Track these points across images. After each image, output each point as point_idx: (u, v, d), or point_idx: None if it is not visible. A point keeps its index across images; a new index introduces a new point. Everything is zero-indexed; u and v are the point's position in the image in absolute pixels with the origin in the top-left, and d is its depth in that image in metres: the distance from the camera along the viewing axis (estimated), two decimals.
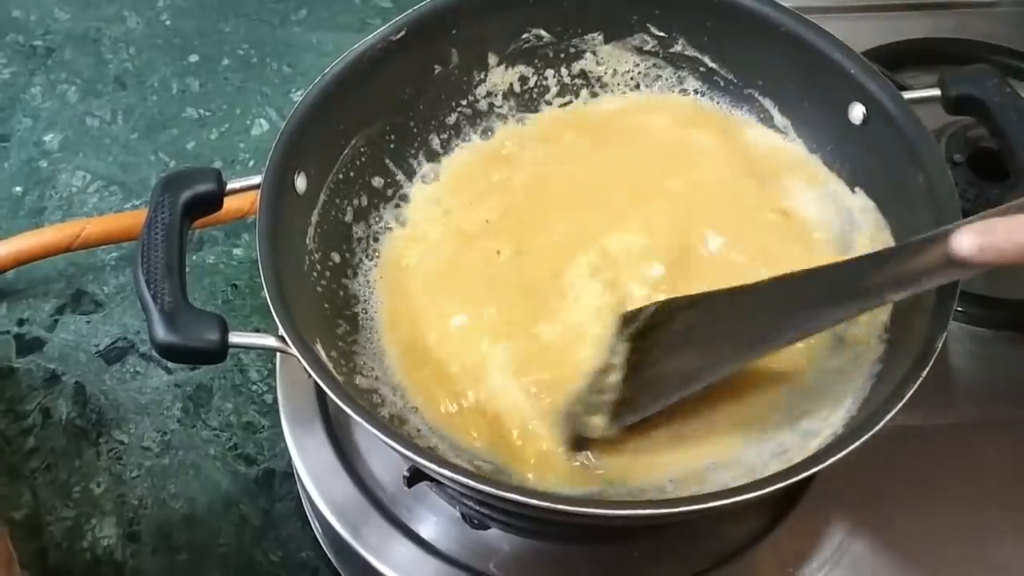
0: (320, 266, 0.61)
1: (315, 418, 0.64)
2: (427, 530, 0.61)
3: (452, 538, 0.60)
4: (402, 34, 0.63)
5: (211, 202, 0.56)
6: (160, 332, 0.50)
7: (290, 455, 0.63)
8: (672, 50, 0.68)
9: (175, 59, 0.91)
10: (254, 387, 0.72)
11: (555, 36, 0.68)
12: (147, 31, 0.93)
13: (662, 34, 0.67)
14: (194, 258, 0.78)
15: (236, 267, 0.79)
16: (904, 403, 0.49)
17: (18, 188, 0.83)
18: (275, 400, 0.67)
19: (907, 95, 0.60)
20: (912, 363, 0.50)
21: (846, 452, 0.48)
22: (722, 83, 0.68)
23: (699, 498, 0.48)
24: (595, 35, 0.68)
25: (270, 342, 0.51)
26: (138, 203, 0.82)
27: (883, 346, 0.56)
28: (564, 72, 0.69)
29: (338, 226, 0.63)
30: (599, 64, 0.69)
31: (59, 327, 0.76)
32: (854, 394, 0.55)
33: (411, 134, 0.67)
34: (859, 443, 0.48)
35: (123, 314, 0.76)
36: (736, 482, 0.51)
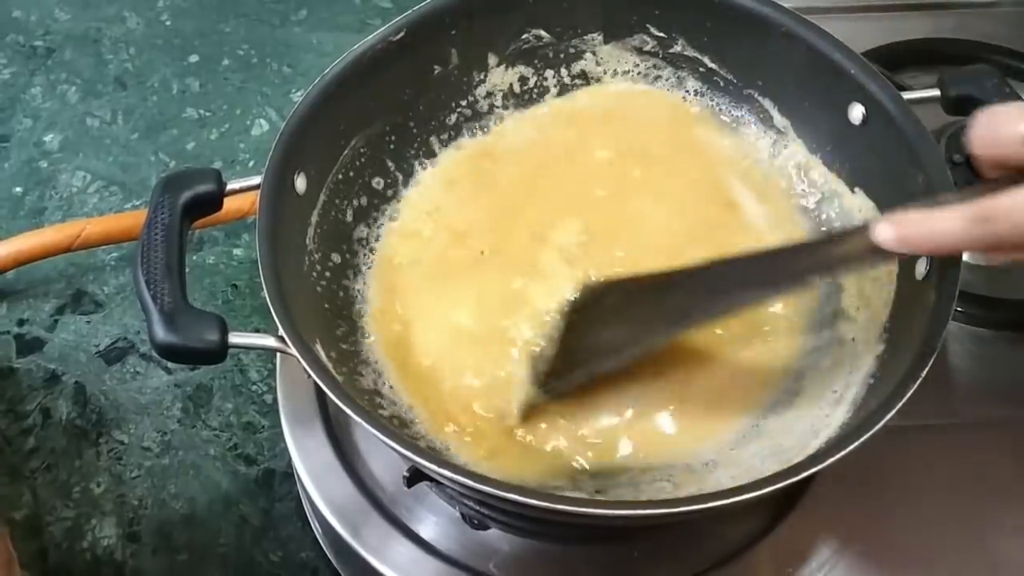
0: (320, 266, 0.61)
1: (315, 418, 0.64)
2: (427, 530, 0.61)
3: (452, 538, 0.60)
4: (402, 35, 0.63)
5: (211, 202, 0.56)
6: (160, 332, 0.50)
7: (290, 455, 0.63)
8: (672, 50, 0.68)
9: (175, 59, 0.91)
10: (254, 387, 0.72)
11: (555, 36, 0.68)
12: (147, 31, 0.93)
13: (662, 34, 0.67)
14: (194, 258, 0.78)
15: (236, 267, 0.79)
16: (903, 403, 0.49)
17: (18, 188, 0.83)
18: (275, 400, 0.67)
19: (907, 95, 0.60)
20: (911, 363, 0.50)
21: (845, 452, 0.48)
22: (722, 83, 0.68)
23: (699, 498, 0.48)
24: (595, 35, 0.68)
25: (270, 342, 0.51)
26: (138, 203, 0.82)
27: (882, 346, 0.56)
28: (564, 72, 0.69)
29: (338, 226, 0.63)
30: (599, 64, 0.69)
31: (59, 327, 0.76)
32: (853, 394, 0.55)
33: (411, 135, 0.67)
34: (858, 443, 0.48)
35: (123, 314, 0.76)
36: (735, 482, 0.51)
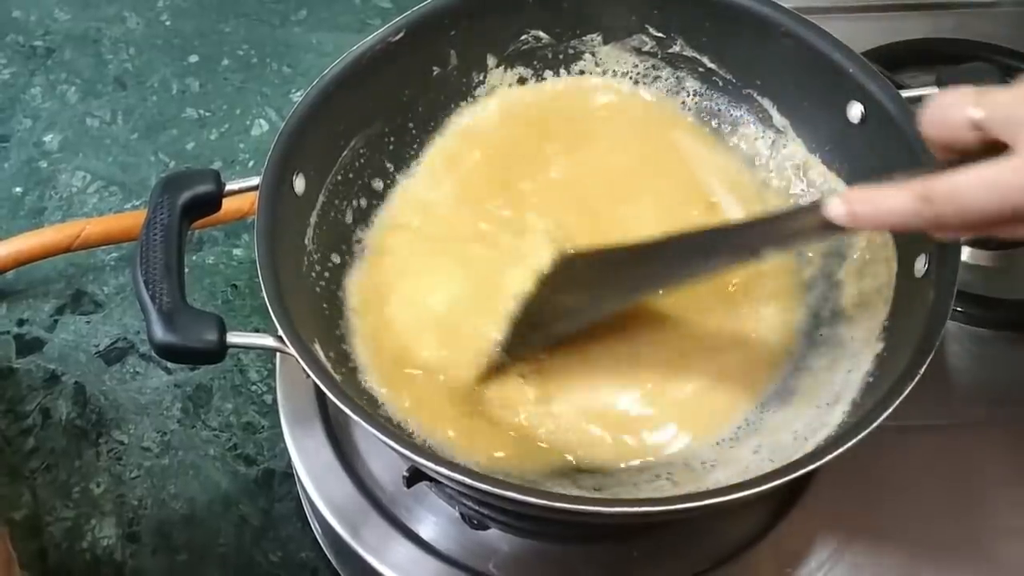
0: (319, 267, 0.61)
1: (315, 418, 0.64)
2: (426, 530, 0.61)
3: (451, 538, 0.60)
4: (401, 35, 0.63)
5: (210, 203, 0.56)
6: (158, 332, 0.50)
7: (290, 455, 0.63)
8: (671, 51, 0.68)
9: (175, 59, 0.91)
10: (254, 387, 0.73)
11: (554, 37, 0.68)
12: (147, 31, 0.93)
13: (661, 35, 0.67)
14: (194, 258, 0.78)
15: (236, 267, 0.79)
16: (902, 402, 0.49)
17: (18, 188, 0.83)
18: (275, 400, 0.67)
19: (905, 94, 0.60)
20: (909, 361, 0.50)
21: (843, 450, 0.48)
22: (721, 83, 0.68)
23: (697, 496, 0.48)
24: (594, 36, 0.68)
25: (268, 342, 0.51)
26: (138, 203, 0.82)
27: (881, 344, 0.56)
28: (563, 73, 0.69)
29: (337, 227, 0.63)
30: (598, 65, 0.69)
31: (59, 327, 0.76)
32: (851, 392, 0.55)
33: (410, 135, 0.67)
34: (855, 441, 0.48)
35: (123, 314, 0.76)
36: (733, 480, 0.51)
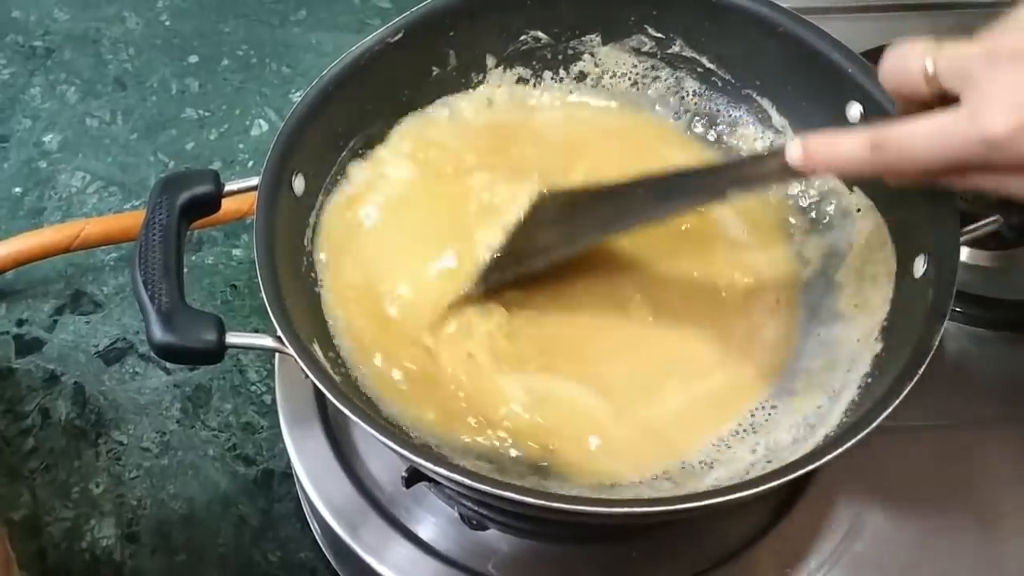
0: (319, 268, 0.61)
1: (314, 419, 0.64)
2: (425, 531, 0.61)
3: (450, 539, 0.60)
4: (400, 36, 0.63)
5: (209, 203, 0.56)
6: (157, 332, 0.50)
7: (289, 456, 0.63)
8: (670, 51, 0.68)
9: (174, 60, 0.91)
10: (253, 388, 0.73)
11: (553, 38, 0.68)
12: (147, 32, 0.93)
13: (660, 35, 0.67)
14: (193, 258, 0.78)
15: (235, 268, 0.79)
16: (901, 402, 0.49)
17: (17, 189, 0.83)
18: (274, 401, 0.67)
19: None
20: (908, 362, 0.50)
21: (841, 451, 0.48)
22: (720, 83, 0.68)
23: (695, 496, 0.48)
24: (593, 36, 0.68)
25: (267, 342, 0.51)
26: (137, 204, 0.82)
27: (880, 345, 0.56)
28: (562, 73, 0.69)
29: None
30: (597, 65, 0.69)
31: (58, 328, 0.76)
32: (850, 393, 0.55)
33: None
34: (854, 441, 0.48)
35: (122, 315, 0.76)
36: (732, 481, 0.51)
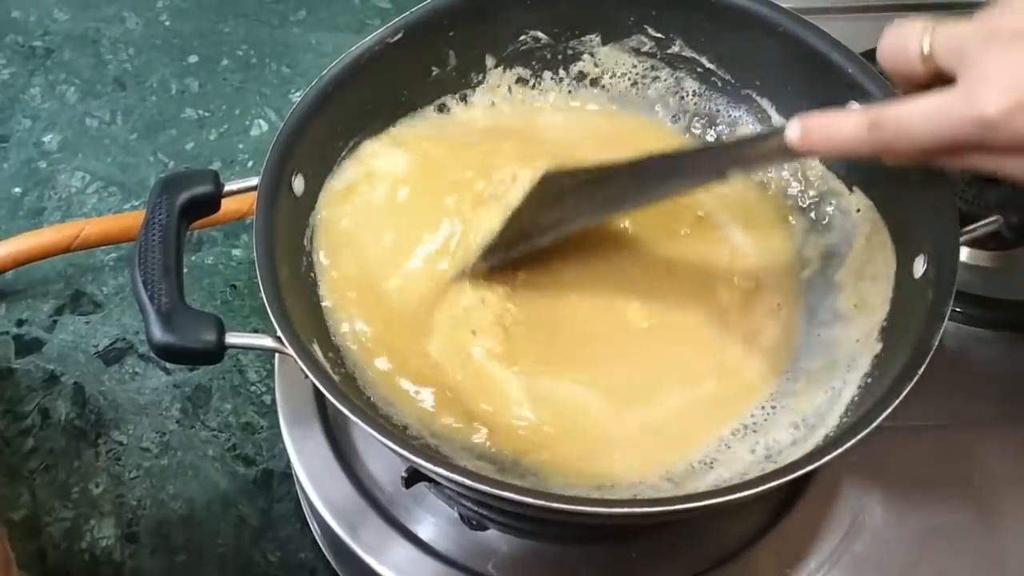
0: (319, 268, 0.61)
1: (313, 419, 0.64)
2: (425, 531, 0.61)
3: (450, 539, 0.60)
4: (400, 36, 0.63)
5: (209, 204, 0.56)
6: (157, 333, 0.50)
7: (288, 456, 0.63)
8: (670, 51, 0.68)
9: (174, 60, 0.91)
10: (253, 388, 0.72)
11: (552, 38, 0.68)
12: (146, 32, 0.93)
13: (659, 35, 0.67)
14: (193, 259, 0.78)
15: (235, 268, 0.79)
16: (901, 402, 0.49)
17: (17, 189, 0.83)
18: (274, 401, 0.67)
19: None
20: (908, 362, 0.50)
21: (841, 451, 0.48)
22: (720, 83, 0.68)
23: (694, 496, 0.48)
24: (592, 37, 0.68)
25: (267, 343, 0.51)
26: (137, 204, 0.82)
27: (879, 345, 0.56)
28: (562, 74, 0.69)
29: None
30: (596, 65, 0.69)
31: (58, 328, 0.76)
32: (850, 393, 0.55)
33: None
34: (854, 442, 0.48)
35: (122, 315, 0.76)
36: (732, 481, 0.51)
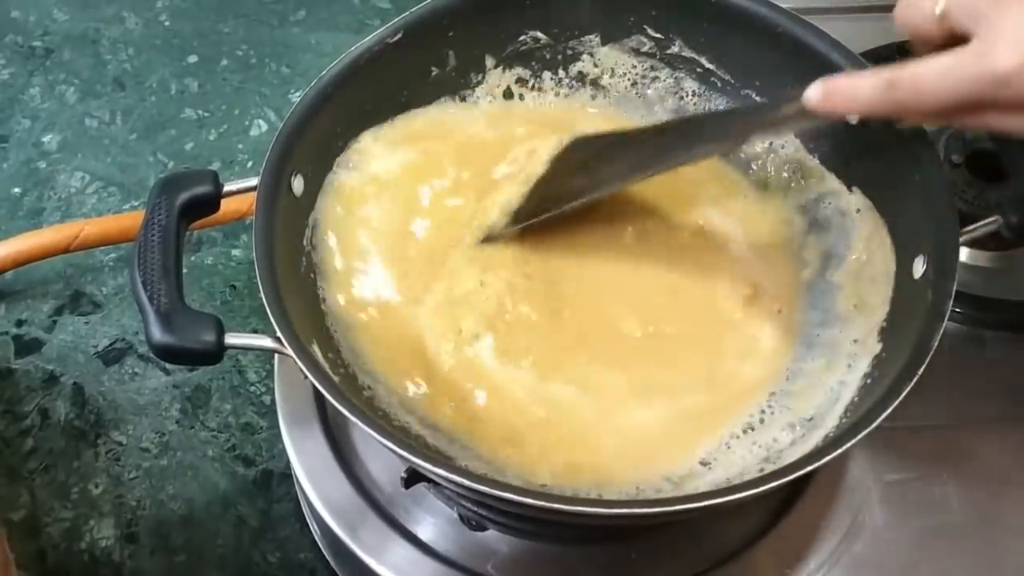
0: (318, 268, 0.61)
1: (313, 419, 0.64)
2: (425, 531, 0.61)
3: (450, 539, 0.60)
4: (399, 36, 0.63)
5: (208, 204, 0.56)
6: (156, 333, 0.50)
7: (288, 456, 0.63)
8: (669, 51, 0.68)
9: (174, 60, 0.91)
10: (252, 388, 0.72)
11: (552, 38, 0.68)
12: (146, 32, 0.93)
13: (659, 36, 0.67)
14: (192, 259, 0.78)
15: (235, 268, 0.79)
16: (900, 402, 0.49)
17: (17, 189, 0.83)
18: (273, 401, 0.67)
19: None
20: (907, 363, 0.50)
21: (841, 451, 0.48)
22: (719, 84, 0.68)
23: (694, 497, 0.49)
24: (592, 37, 0.68)
25: (266, 343, 0.51)
26: (137, 204, 0.82)
27: (879, 346, 0.56)
28: (561, 74, 0.69)
29: None
30: (596, 66, 0.69)
31: (57, 328, 0.76)
32: (849, 393, 0.55)
33: None
34: (854, 442, 0.48)
35: (121, 315, 0.76)
36: (731, 481, 0.51)
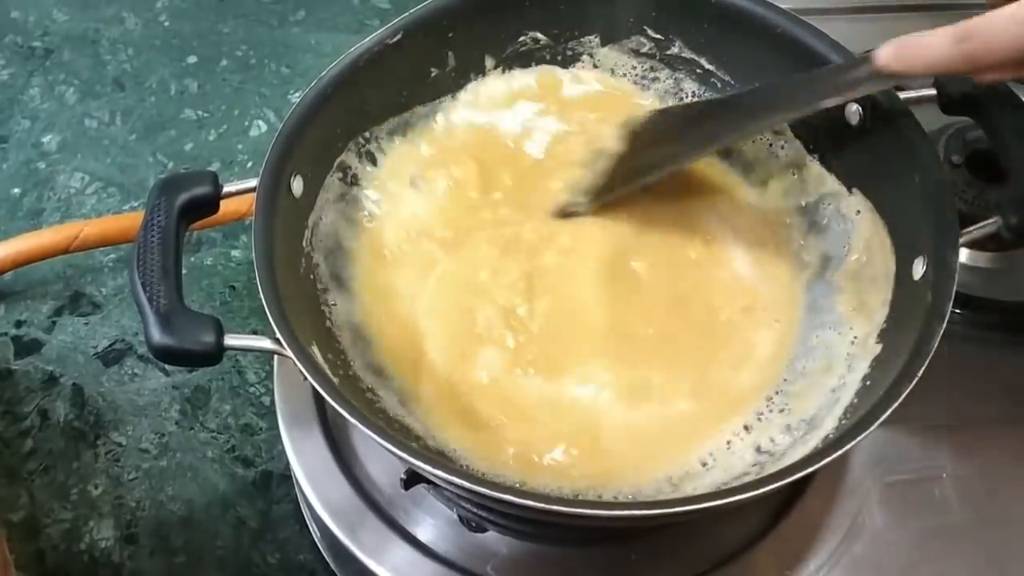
0: (318, 269, 0.61)
1: (312, 420, 0.64)
2: (424, 533, 0.61)
3: (449, 541, 0.60)
4: (399, 37, 0.63)
5: (207, 205, 0.56)
6: (155, 334, 0.50)
7: (288, 457, 0.63)
8: (669, 52, 0.68)
9: (173, 60, 0.91)
10: (252, 389, 0.72)
11: (552, 39, 0.68)
12: (145, 32, 0.93)
13: (659, 36, 0.67)
14: (192, 259, 0.78)
15: (234, 269, 0.79)
16: (899, 404, 0.49)
17: (16, 189, 0.83)
18: (273, 402, 0.66)
19: (904, 95, 0.59)
20: (907, 364, 0.50)
21: (840, 453, 0.48)
22: (719, 85, 0.68)
23: (694, 499, 0.48)
24: (592, 38, 0.68)
25: (265, 344, 0.51)
26: (136, 204, 0.82)
27: (879, 347, 0.56)
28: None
29: None
30: (596, 67, 0.69)
31: (57, 329, 0.76)
32: (849, 395, 0.55)
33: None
34: (853, 443, 0.48)
35: (121, 316, 0.76)
36: (731, 483, 0.51)
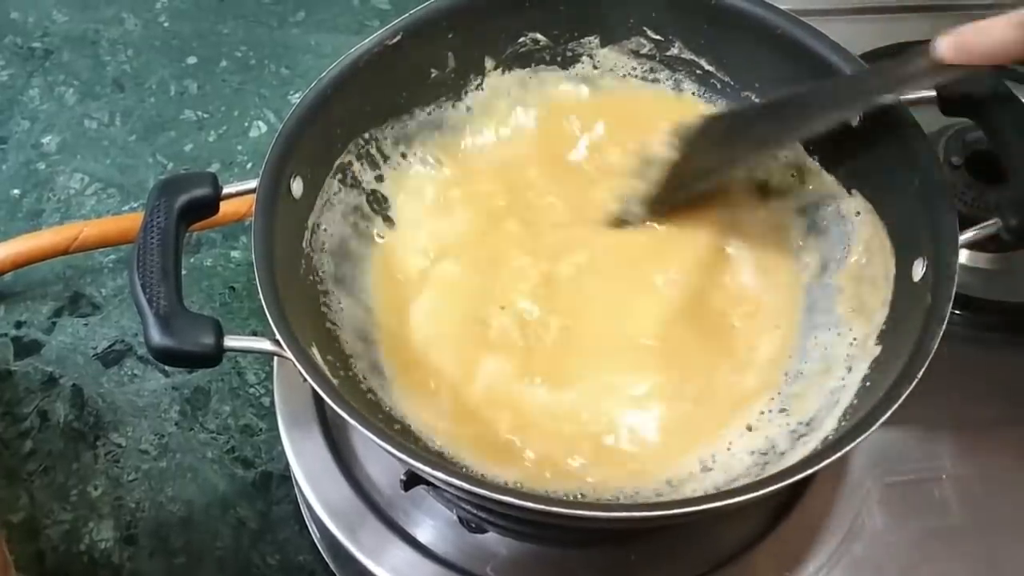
0: (317, 270, 0.61)
1: (312, 421, 0.64)
2: (424, 534, 0.61)
3: (449, 542, 0.60)
4: (399, 38, 0.63)
5: (207, 206, 0.56)
6: (155, 336, 0.50)
7: (287, 458, 0.63)
8: (669, 53, 0.68)
9: (173, 61, 0.91)
10: (252, 390, 0.72)
11: (552, 40, 0.68)
12: (145, 33, 0.93)
13: (659, 37, 0.67)
14: (192, 260, 0.78)
15: (234, 269, 0.79)
16: (899, 406, 0.49)
17: (16, 190, 0.83)
18: (273, 403, 0.66)
19: (904, 97, 0.59)
20: (907, 365, 0.50)
21: (840, 454, 0.48)
22: (719, 86, 0.68)
23: (693, 500, 0.49)
24: (591, 39, 0.68)
25: (265, 346, 0.51)
26: (136, 205, 0.82)
27: (879, 348, 0.56)
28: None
29: None
30: (596, 67, 0.69)
31: (57, 330, 0.76)
32: (849, 396, 0.55)
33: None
34: (853, 445, 0.48)
35: (121, 317, 0.76)
36: (731, 484, 0.51)
